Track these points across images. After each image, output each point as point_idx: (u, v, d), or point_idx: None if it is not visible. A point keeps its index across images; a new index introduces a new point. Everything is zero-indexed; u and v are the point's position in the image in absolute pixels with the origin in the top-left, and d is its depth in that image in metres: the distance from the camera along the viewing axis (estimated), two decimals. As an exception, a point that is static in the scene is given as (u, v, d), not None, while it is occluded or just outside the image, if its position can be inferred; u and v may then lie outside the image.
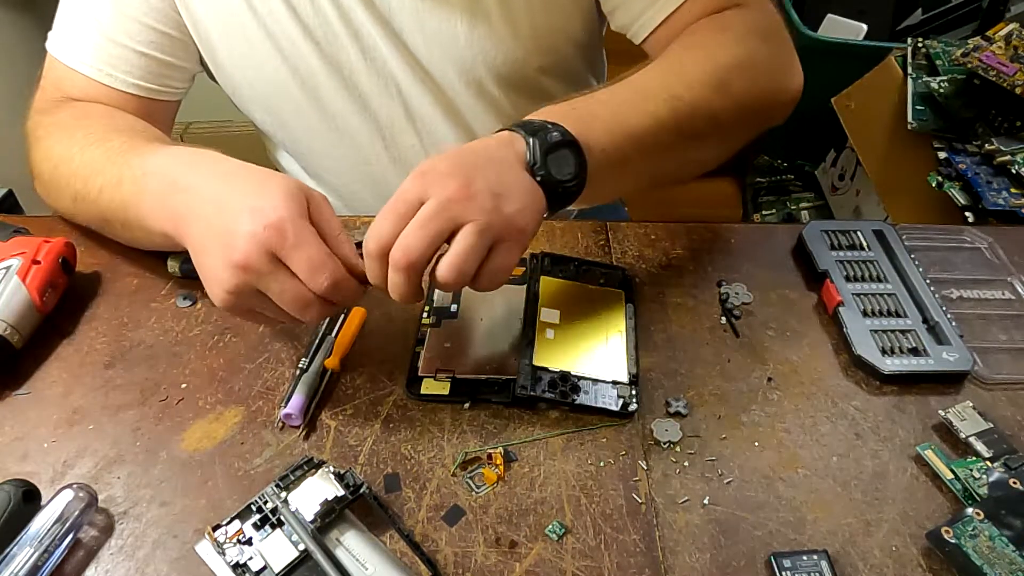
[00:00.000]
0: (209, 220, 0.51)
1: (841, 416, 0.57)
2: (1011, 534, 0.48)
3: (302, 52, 0.72)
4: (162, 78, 0.73)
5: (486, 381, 0.58)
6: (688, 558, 0.49)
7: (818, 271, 0.67)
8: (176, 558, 0.48)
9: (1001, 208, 1.03)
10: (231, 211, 0.50)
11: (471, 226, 0.49)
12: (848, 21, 1.55)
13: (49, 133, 0.68)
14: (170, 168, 0.56)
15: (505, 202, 0.50)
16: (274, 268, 0.49)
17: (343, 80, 0.74)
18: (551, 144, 0.53)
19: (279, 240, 0.48)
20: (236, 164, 0.54)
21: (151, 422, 0.56)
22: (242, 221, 0.49)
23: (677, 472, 0.53)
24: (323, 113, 0.77)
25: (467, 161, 0.51)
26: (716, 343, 0.63)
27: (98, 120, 0.67)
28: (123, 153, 0.61)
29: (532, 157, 0.53)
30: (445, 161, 0.51)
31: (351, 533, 0.48)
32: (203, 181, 0.54)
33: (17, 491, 0.48)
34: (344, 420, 0.56)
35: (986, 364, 0.61)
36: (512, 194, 0.50)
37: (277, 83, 0.75)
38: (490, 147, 0.53)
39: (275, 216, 0.49)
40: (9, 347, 0.58)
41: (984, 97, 1.12)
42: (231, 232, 0.49)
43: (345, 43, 0.72)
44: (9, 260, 0.61)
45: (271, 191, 0.50)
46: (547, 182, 0.53)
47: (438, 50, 0.73)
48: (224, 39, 0.72)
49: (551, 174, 0.53)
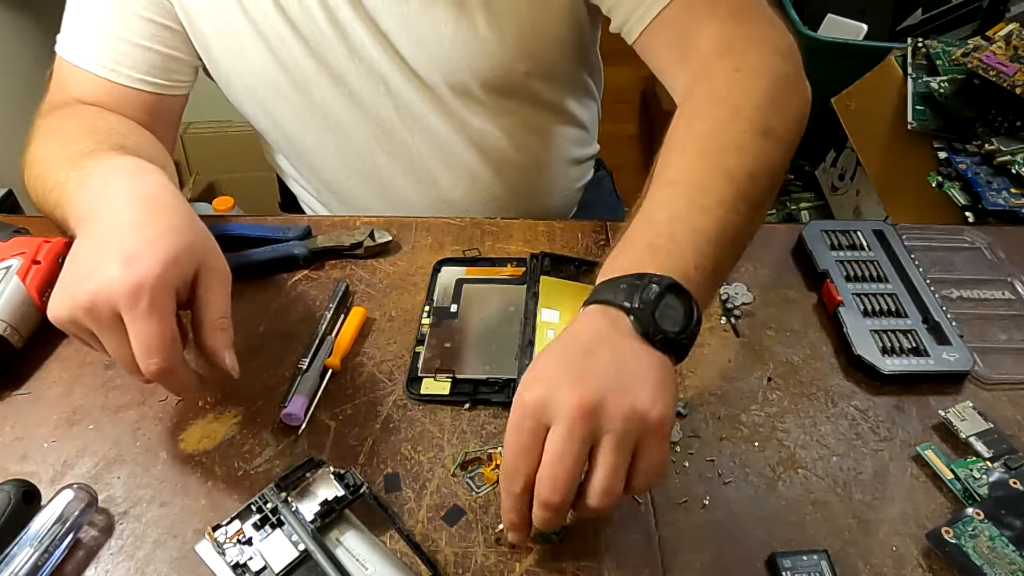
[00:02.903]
0: (94, 241, 0.50)
1: (841, 416, 0.57)
2: (1011, 534, 0.48)
3: (291, 50, 0.72)
4: (167, 72, 0.73)
5: (486, 381, 0.58)
6: (688, 558, 0.49)
7: (818, 271, 0.67)
8: (176, 558, 0.48)
9: (1001, 208, 1.03)
10: (113, 246, 0.48)
11: (608, 441, 0.43)
12: (848, 21, 1.55)
13: (39, 136, 0.68)
14: (111, 174, 0.55)
15: (635, 396, 0.43)
16: (112, 325, 0.47)
17: (333, 78, 0.74)
18: (653, 302, 0.46)
19: (130, 303, 0.46)
20: (168, 200, 0.52)
21: (151, 422, 0.56)
22: (110, 264, 0.47)
23: (677, 472, 0.53)
24: (314, 110, 0.77)
25: (579, 361, 0.45)
26: (716, 343, 0.63)
27: (80, 122, 0.67)
28: (84, 154, 0.60)
29: (642, 328, 0.46)
30: (555, 363, 0.45)
31: (351, 533, 0.48)
32: (123, 201, 0.52)
33: (17, 491, 0.47)
34: (344, 420, 0.56)
35: (986, 364, 0.61)
36: (639, 382, 0.44)
37: (268, 80, 0.75)
38: (598, 333, 0.46)
39: (140, 276, 0.47)
40: (9, 347, 0.58)
41: (984, 97, 1.12)
42: (96, 268, 0.48)
43: (333, 42, 0.72)
44: (9, 260, 0.61)
45: (160, 248, 0.48)
46: (667, 341, 0.47)
47: (424, 53, 0.72)
48: (217, 37, 0.72)
49: (667, 333, 0.46)
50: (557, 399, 0.43)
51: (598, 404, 0.42)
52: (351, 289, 0.67)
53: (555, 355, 0.46)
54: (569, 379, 0.43)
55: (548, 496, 0.43)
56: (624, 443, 0.43)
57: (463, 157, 0.81)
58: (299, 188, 0.93)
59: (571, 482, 0.43)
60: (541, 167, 0.88)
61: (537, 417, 0.43)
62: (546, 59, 0.77)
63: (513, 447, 0.44)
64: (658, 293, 0.47)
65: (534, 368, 0.46)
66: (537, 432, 0.44)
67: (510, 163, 0.84)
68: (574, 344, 0.46)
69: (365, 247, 0.69)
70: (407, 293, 0.67)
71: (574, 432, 0.42)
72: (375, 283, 0.68)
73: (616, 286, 0.48)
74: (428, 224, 0.74)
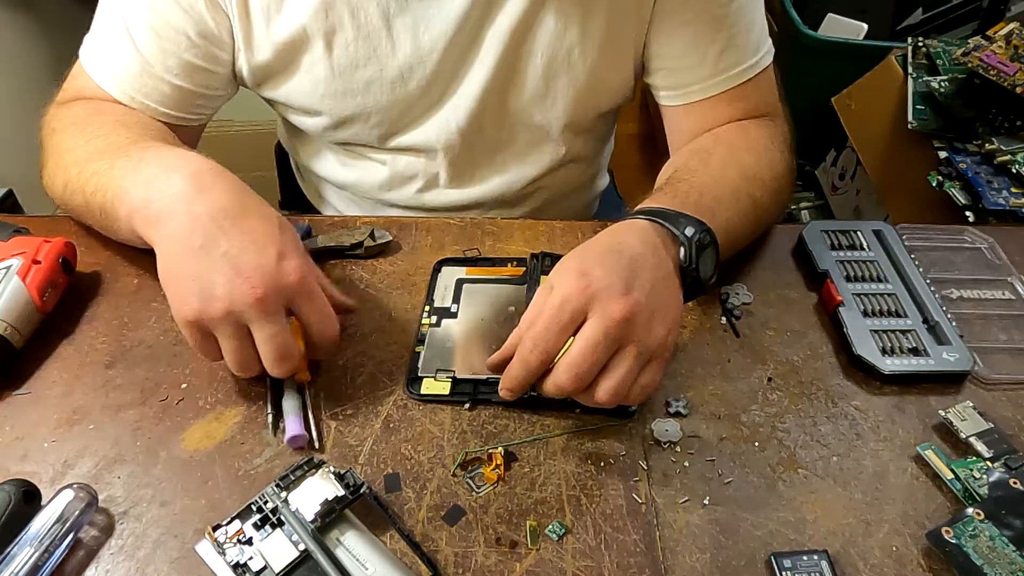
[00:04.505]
0: (221, 236, 0.51)
1: (841, 416, 0.57)
2: (1011, 534, 0.48)
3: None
4: (193, 107, 0.72)
5: (486, 381, 0.58)
6: (688, 558, 0.49)
7: (818, 271, 0.67)
8: (176, 558, 0.48)
9: (1001, 208, 1.03)
10: (256, 240, 0.51)
11: (631, 350, 0.50)
12: (848, 20, 1.55)
13: (64, 127, 0.68)
14: (175, 159, 0.56)
15: (659, 322, 0.51)
16: (279, 311, 0.51)
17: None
18: (702, 245, 0.56)
19: (298, 287, 0.51)
20: (248, 191, 0.55)
21: (151, 422, 0.56)
22: (267, 257, 0.51)
23: (677, 472, 0.53)
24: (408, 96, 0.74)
25: (628, 272, 0.51)
26: (716, 343, 0.63)
27: (111, 116, 0.67)
28: (126, 144, 0.61)
29: (688, 258, 0.55)
30: (604, 267, 0.51)
31: (351, 533, 0.48)
32: (217, 193, 0.53)
33: (17, 491, 0.47)
34: (344, 420, 0.56)
35: (986, 364, 0.61)
36: (665, 312, 0.52)
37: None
38: (647, 251, 0.54)
39: (299, 263, 0.52)
40: (9, 347, 0.58)
41: (984, 97, 1.12)
42: (258, 261, 0.50)
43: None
44: (9, 260, 0.61)
45: (289, 242, 0.52)
46: (695, 281, 0.56)
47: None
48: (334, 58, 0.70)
49: (700, 275, 0.56)
50: (603, 299, 0.49)
51: (634, 318, 0.49)
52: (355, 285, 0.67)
53: (602, 258, 0.52)
54: (619, 287, 0.50)
55: (566, 381, 0.49)
56: (642, 357, 0.50)
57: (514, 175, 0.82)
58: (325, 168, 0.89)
59: (592, 374, 0.49)
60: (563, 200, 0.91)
61: (582, 304, 0.49)
62: (605, 109, 0.80)
63: (549, 324, 0.50)
64: (710, 240, 0.57)
65: (582, 261, 0.52)
66: (576, 317, 0.49)
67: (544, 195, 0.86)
68: (621, 253, 0.53)
69: (365, 247, 0.69)
70: (407, 293, 0.67)
71: (610, 333, 0.49)
72: (375, 283, 0.68)
73: (677, 215, 0.57)
74: (428, 224, 0.74)
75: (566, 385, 0.49)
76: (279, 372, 0.52)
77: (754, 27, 0.72)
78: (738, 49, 0.71)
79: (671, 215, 0.57)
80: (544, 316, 0.50)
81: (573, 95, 0.74)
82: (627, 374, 0.49)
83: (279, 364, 0.52)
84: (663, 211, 0.57)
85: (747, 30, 0.71)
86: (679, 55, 0.72)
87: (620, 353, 0.50)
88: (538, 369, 0.50)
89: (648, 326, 0.50)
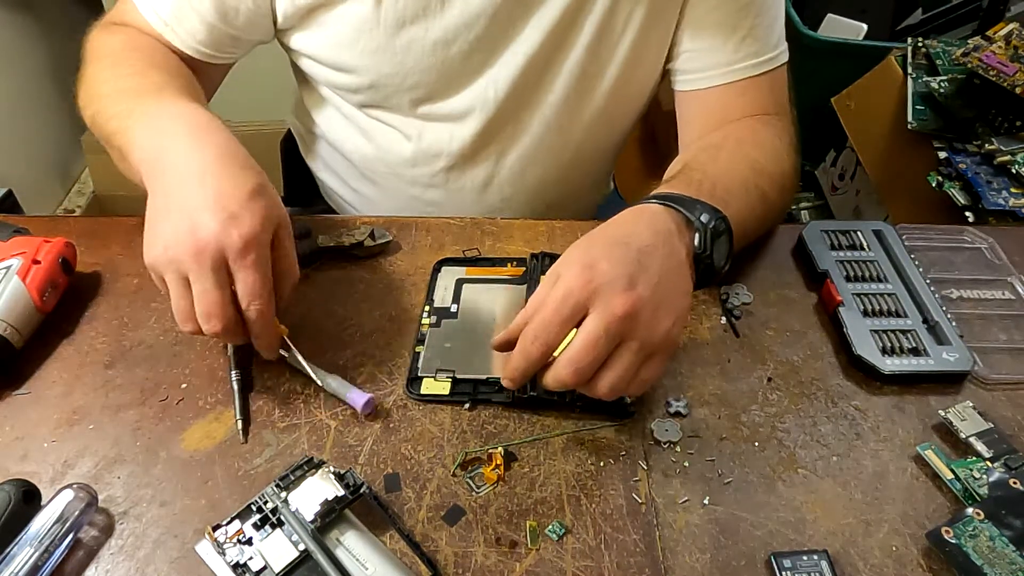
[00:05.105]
0: (190, 191, 0.52)
1: (841, 416, 0.57)
2: (1011, 534, 0.48)
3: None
4: (223, 47, 0.73)
5: (486, 381, 0.58)
6: (688, 558, 0.49)
7: (818, 271, 0.67)
8: (176, 558, 0.48)
9: (1001, 208, 1.03)
10: (215, 199, 0.52)
11: (633, 345, 0.49)
12: (848, 21, 1.55)
13: (102, 56, 0.70)
14: (184, 116, 0.58)
15: (664, 316, 0.50)
16: (217, 269, 0.51)
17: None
18: (717, 232, 0.56)
19: (239, 252, 0.51)
20: (239, 155, 0.56)
21: (151, 422, 0.56)
22: (217, 216, 0.51)
23: (677, 472, 0.53)
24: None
25: (634, 266, 0.50)
26: (716, 343, 0.63)
27: (145, 54, 0.69)
28: (152, 91, 0.62)
29: (703, 245, 0.56)
30: (611, 260, 0.50)
31: (351, 533, 0.48)
32: (205, 151, 0.54)
33: (17, 491, 0.47)
34: (344, 420, 0.56)
35: (986, 364, 0.61)
36: (671, 304, 0.51)
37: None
38: (658, 240, 0.53)
39: (248, 231, 0.51)
40: (9, 347, 0.58)
41: (984, 97, 1.12)
42: (206, 218, 0.51)
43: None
44: (9, 260, 0.61)
45: (255, 210, 0.52)
46: (708, 268, 0.56)
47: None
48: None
49: (713, 262, 0.56)
50: (606, 294, 0.49)
51: (636, 314, 0.49)
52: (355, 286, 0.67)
53: (609, 250, 0.52)
54: (623, 282, 0.49)
55: (566, 375, 0.49)
56: (643, 351, 0.50)
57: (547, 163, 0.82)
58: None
59: (593, 369, 0.49)
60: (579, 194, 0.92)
61: (585, 298, 0.49)
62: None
63: (551, 316, 0.49)
64: (725, 227, 0.57)
65: (588, 251, 0.52)
66: (578, 310, 0.49)
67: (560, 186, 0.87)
68: (629, 245, 0.52)
69: (365, 247, 0.69)
70: (407, 293, 0.67)
71: (612, 328, 0.48)
72: (375, 283, 0.68)
73: (693, 202, 0.57)
74: (428, 224, 0.74)
75: (566, 379, 0.49)
76: (207, 329, 0.52)
77: (776, 23, 0.74)
78: (759, 40, 0.72)
79: (687, 201, 0.57)
80: (547, 308, 0.50)
81: (616, 74, 0.75)
82: (628, 369, 0.49)
83: (205, 321, 0.52)
84: (679, 196, 0.57)
85: (770, 23, 0.73)
86: (703, 37, 0.73)
87: (621, 348, 0.49)
88: (539, 360, 0.50)
89: (651, 321, 0.50)
